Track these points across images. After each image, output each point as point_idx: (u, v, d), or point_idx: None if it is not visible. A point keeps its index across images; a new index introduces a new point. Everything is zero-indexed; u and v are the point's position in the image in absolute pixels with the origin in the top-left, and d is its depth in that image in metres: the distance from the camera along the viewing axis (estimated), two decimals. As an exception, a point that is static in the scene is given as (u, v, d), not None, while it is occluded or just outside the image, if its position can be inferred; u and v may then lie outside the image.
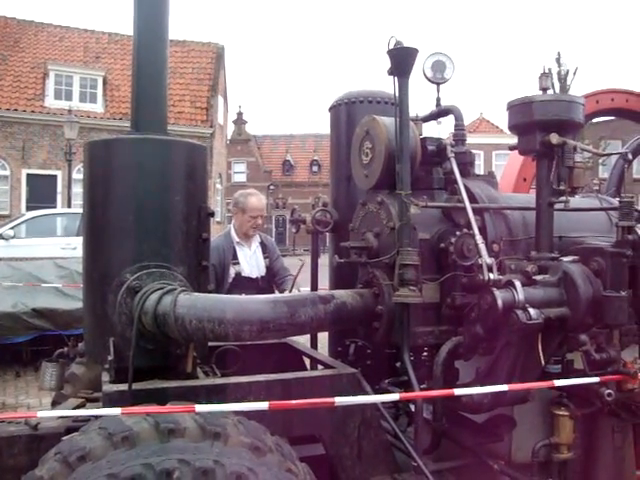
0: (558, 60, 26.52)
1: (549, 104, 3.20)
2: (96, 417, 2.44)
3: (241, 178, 51.62)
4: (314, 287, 5.24)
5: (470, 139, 4.45)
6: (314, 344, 4.79)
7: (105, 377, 3.03)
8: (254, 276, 6.08)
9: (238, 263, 6.02)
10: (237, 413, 2.45)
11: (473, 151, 3.79)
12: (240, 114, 49.91)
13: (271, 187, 52.15)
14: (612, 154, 3.95)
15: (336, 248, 5.00)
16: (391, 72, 3.20)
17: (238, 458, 2.05)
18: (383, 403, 3.32)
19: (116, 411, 2.16)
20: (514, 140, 3.59)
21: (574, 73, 26.36)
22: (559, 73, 26.40)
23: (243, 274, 6.02)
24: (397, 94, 3.22)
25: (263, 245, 6.28)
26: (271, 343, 4.15)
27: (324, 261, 5.00)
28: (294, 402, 2.50)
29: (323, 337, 4.88)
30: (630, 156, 3.38)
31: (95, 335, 3.24)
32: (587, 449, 3.16)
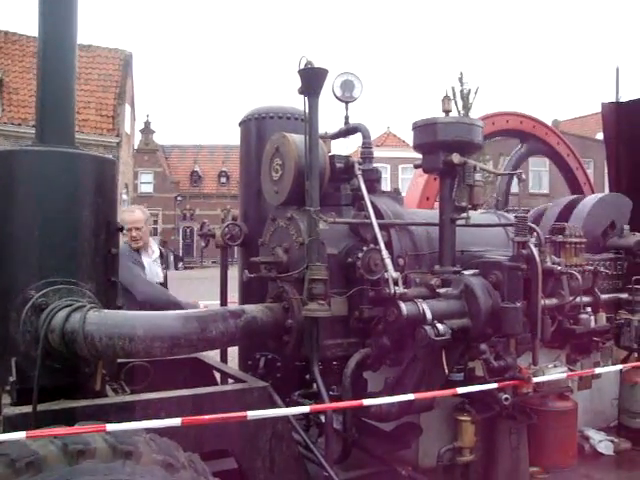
0: (461, 79, 27.69)
1: (451, 126, 3.38)
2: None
3: (148, 189, 50.29)
4: (224, 301, 5.23)
5: (377, 153, 4.60)
6: (224, 358, 4.78)
7: (5, 399, 2.89)
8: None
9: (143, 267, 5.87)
10: (149, 430, 2.42)
11: (380, 165, 3.92)
12: (148, 123, 48.75)
13: (179, 198, 51.18)
14: (509, 174, 4.21)
15: (246, 262, 5.02)
16: (302, 91, 3.27)
17: (151, 476, 2.03)
18: (294, 415, 3.36)
19: (20, 435, 2.07)
20: (420, 155, 3.75)
21: (475, 92, 27.60)
22: (461, 92, 27.53)
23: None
24: (307, 113, 3.30)
25: (162, 256, 6.18)
26: (181, 358, 4.08)
27: (233, 274, 4.99)
28: (207, 417, 2.50)
29: (233, 351, 4.87)
30: (523, 176, 3.65)
31: (-6, 356, 3.08)
32: (487, 451, 3.34)
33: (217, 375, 4.25)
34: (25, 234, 3.01)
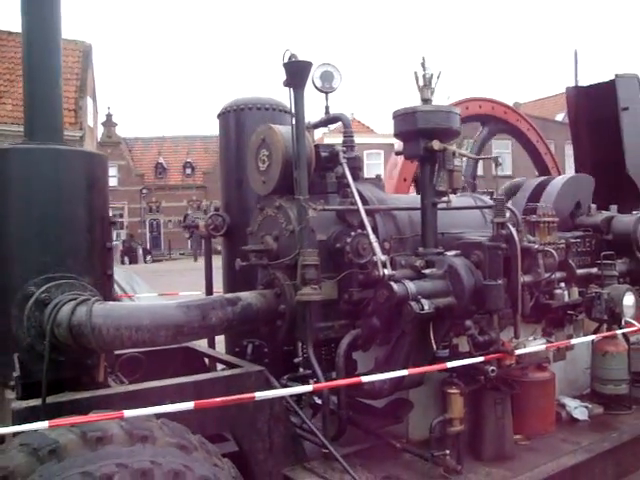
0: (423, 64, 27.95)
1: (431, 114, 3.53)
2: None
3: (112, 182, 49.28)
4: (209, 291, 5.32)
5: (341, 139, 4.68)
6: (212, 346, 4.88)
7: (10, 395, 2.96)
8: None
9: None
10: (158, 416, 2.53)
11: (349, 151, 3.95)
12: (110, 116, 47.78)
13: (144, 191, 50.53)
14: (486, 158, 4.39)
15: (230, 251, 5.12)
16: (287, 84, 3.38)
17: (172, 457, 2.14)
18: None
19: (43, 424, 2.16)
20: (385, 140, 3.89)
21: (438, 77, 27.92)
22: (424, 76, 27.82)
23: None
24: (293, 105, 3.40)
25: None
26: (173, 348, 4.19)
27: (193, 265, 5.07)
28: (218, 400, 2.61)
29: (219, 339, 4.98)
30: (500, 160, 3.83)
31: (-5, 352, 3.14)
32: (474, 421, 3.52)
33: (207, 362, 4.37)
34: (22, 231, 3.08)
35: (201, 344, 4.51)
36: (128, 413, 2.27)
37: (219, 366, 4.42)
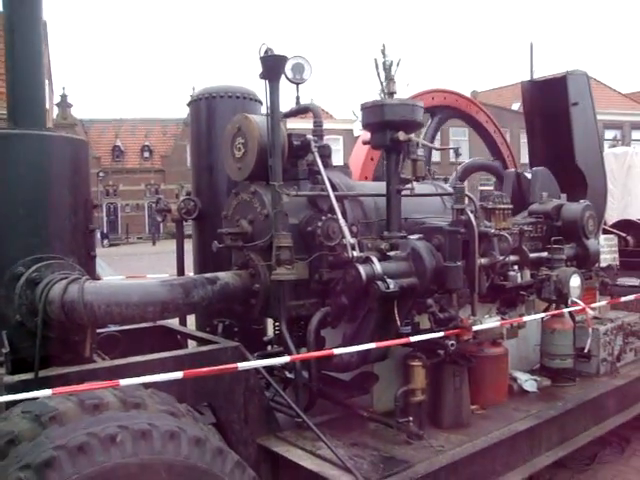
0: (383, 51, 28.33)
1: (397, 107, 3.78)
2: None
3: (67, 164, 48.40)
4: (181, 271, 5.49)
5: (301, 124, 4.87)
6: (183, 325, 5.06)
7: (1, 370, 3.11)
8: None
9: None
10: (146, 386, 2.73)
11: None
12: (64, 96, 46.59)
13: (100, 174, 49.66)
14: (447, 148, 4.67)
15: (201, 234, 5.30)
16: (263, 76, 3.57)
17: (165, 420, 2.35)
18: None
19: (47, 392, 2.33)
20: (343, 126, 4.09)
21: (397, 64, 28.32)
22: (384, 63, 28.19)
23: None
24: (268, 96, 3.60)
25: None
26: (149, 326, 4.37)
27: (152, 249, 5.23)
28: (205, 369, 2.82)
29: (190, 319, 5.17)
30: (460, 152, 4.10)
31: (-17, 329, 3.27)
32: (434, 392, 3.81)
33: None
34: (9, 214, 3.21)
35: (174, 323, 4.69)
36: (123, 382, 2.46)
37: (190, 343, 4.61)
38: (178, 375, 2.66)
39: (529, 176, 5.70)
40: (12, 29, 3.47)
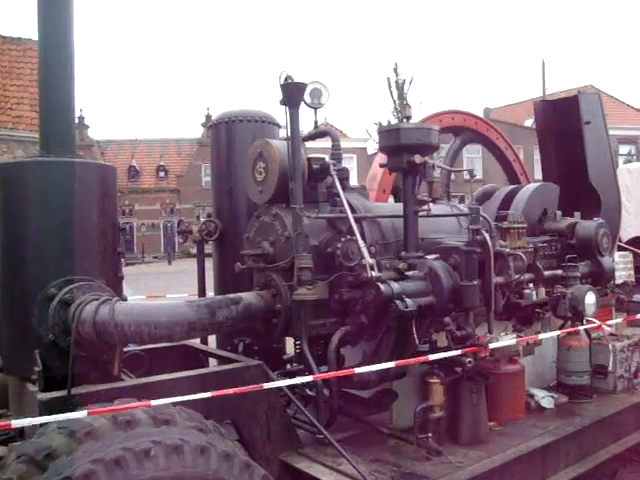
0: (395, 70, 28.55)
1: (413, 131, 3.90)
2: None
3: (83, 185, 48.97)
4: (202, 291, 5.61)
5: (315, 143, 4.99)
6: (204, 343, 5.17)
7: (32, 387, 3.23)
8: None
9: None
10: (174, 404, 2.84)
11: (319, 155, 4.26)
12: (81, 118, 47.46)
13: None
14: (462, 170, 4.77)
15: (221, 255, 5.43)
16: (283, 103, 3.71)
17: (195, 436, 2.46)
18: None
19: (82, 413, 2.45)
20: (357, 144, 4.19)
21: (410, 82, 28.50)
22: (396, 82, 28.39)
23: None
24: (288, 122, 3.74)
25: None
26: (172, 345, 4.48)
27: (167, 268, 5.36)
28: (231, 390, 2.92)
29: (211, 339, 5.28)
30: (475, 172, 4.20)
31: (16, 348, 3.41)
32: (452, 409, 3.89)
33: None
34: (42, 237, 3.36)
35: (195, 341, 4.80)
36: (154, 402, 2.58)
37: (211, 362, 4.71)
38: (207, 395, 2.76)
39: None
40: (46, 58, 3.64)
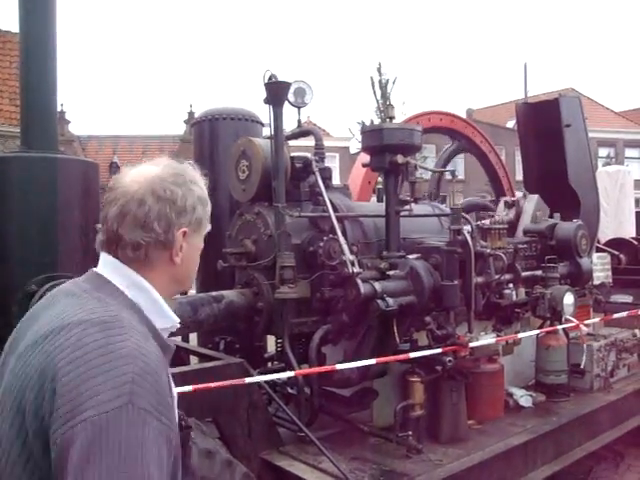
0: (379, 70, 28.48)
1: (396, 131, 3.92)
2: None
3: (63, 181, 48.39)
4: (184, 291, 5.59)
5: (299, 142, 5.02)
6: (186, 340, 5.15)
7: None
8: None
9: None
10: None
11: (302, 153, 4.28)
12: (62, 113, 46.74)
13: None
14: (444, 171, 4.82)
15: (203, 253, 5.41)
16: (267, 101, 3.72)
17: (176, 432, 2.45)
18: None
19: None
20: (340, 143, 4.21)
21: (393, 82, 28.45)
22: (380, 82, 28.34)
23: None
24: (272, 120, 3.74)
25: None
26: (153, 343, 4.46)
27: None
28: (213, 384, 2.92)
29: (192, 337, 5.27)
30: (457, 173, 4.21)
31: (-5, 347, 3.37)
32: (432, 407, 3.92)
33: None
34: (22, 234, 3.33)
35: (176, 339, 4.78)
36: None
37: (192, 359, 4.70)
38: (187, 389, 2.76)
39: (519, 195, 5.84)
40: (27, 52, 3.60)
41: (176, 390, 2.62)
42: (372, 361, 3.50)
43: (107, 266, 1.40)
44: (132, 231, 1.36)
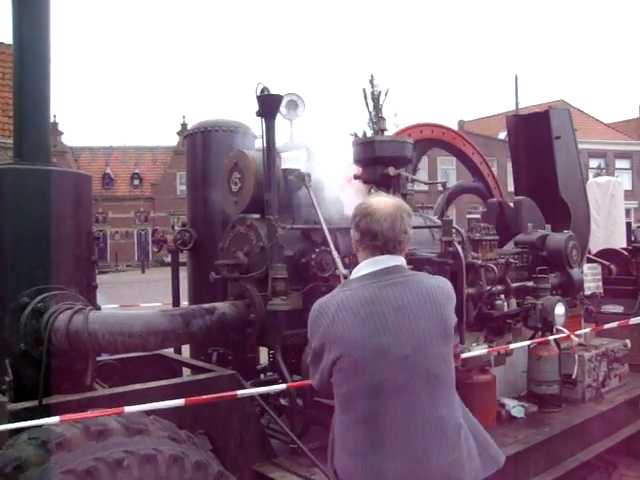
0: (371, 81, 28.65)
1: (387, 144, 3.96)
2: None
3: (56, 192, 48.22)
4: (176, 301, 5.59)
5: (292, 153, 5.03)
6: (178, 352, 5.14)
7: (2, 398, 3.19)
8: None
9: None
10: (148, 413, 2.83)
11: (293, 165, 4.28)
12: (55, 124, 46.83)
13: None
14: (435, 183, 4.85)
15: (196, 265, 5.42)
16: (259, 114, 3.74)
17: (168, 446, 2.45)
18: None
19: (55, 419, 2.43)
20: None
21: (386, 94, 28.60)
22: (372, 93, 28.49)
23: None
24: (264, 133, 3.76)
25: None
26: (146, 355, 4.46)
27: (141, 277, 5.36)
28: (205, 397, 2.92)
29: (184, 348, 5.25)
30: (448, 185, 4.28)
31: (-14, 358, 3.36)
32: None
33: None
34: (14, 246, 3.33)
35: (169, 351, 4.77)
36: (128, 409, 2.57)
37: (185, 371, 4.69)
38: (180, 402, 2.76)
39: (512, 204, 5.90)
40: (21, 63, 3.61)
41: (168, 403, 2.64)
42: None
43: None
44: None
